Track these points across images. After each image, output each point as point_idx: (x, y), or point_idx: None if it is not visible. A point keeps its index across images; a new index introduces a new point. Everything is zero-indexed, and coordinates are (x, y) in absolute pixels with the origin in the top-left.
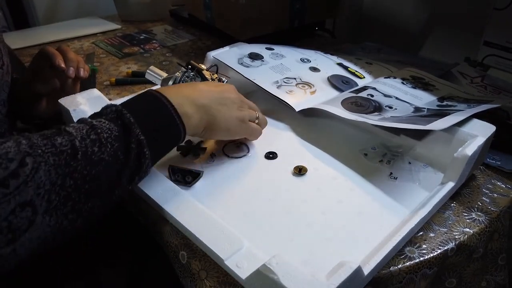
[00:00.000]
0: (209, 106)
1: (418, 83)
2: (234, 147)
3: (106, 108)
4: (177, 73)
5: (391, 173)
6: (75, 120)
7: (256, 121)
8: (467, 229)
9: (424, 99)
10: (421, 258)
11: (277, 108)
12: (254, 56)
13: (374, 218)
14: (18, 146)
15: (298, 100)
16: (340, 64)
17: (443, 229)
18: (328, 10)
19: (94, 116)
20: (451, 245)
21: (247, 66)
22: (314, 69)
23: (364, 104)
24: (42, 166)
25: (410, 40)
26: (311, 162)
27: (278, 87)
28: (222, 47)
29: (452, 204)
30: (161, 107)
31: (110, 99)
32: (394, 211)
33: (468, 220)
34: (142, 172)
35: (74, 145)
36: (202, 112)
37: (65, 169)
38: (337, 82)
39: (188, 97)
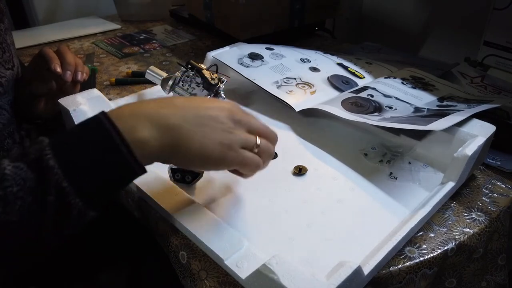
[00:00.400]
0: (179, 126)
1: (418, 83)
2: None
3: (36, 144)
4: (177, 73)
5: (391, 173)
6: (75, 120)
7: (256, 149)
8: (467, 229)
9: (424, 99)
10: (421, 258)
11: (277, 108)
12: (254, 56)
13: (374, 218)
14: None
15: (298, 100)
16: (340, 64)
17: (443, 229)
18: (328, 10)
19: (21, 155)
20: (451, 245)
21: (247, 66)
22: (314, 69)
23: (364, 104)
24: None
25: (410, 40)
26: (311, 162)
27: (278, 87)
28: (222, 47)
29: (452, 204)
30: (102, 137)
31: (110, 99)
32: (394, 211)
33: (468, 220)
34: (72, 224)
35: None
36: (166, 135)
37: None
38: (337, 82)
39: (149, 116)
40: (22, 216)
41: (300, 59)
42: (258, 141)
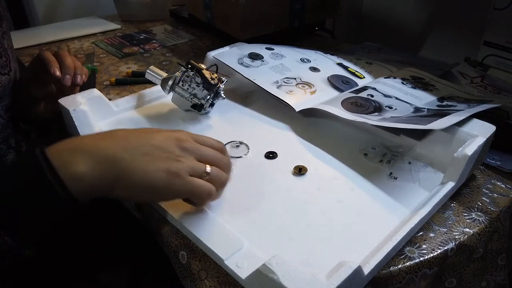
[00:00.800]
0: (120, 157)
1: (418, 83)
2: (234, 147)
3: None
4: (177, 73)
5: (391, 173)
6: (75, 120)
7: (206, 176)
8: (467, 229)
9: (424, 99)
10: (421, 258)
11: (277, 108)
12: (254, 56)
13: (374, 218)
14: None
15: (298, 100)
16: (340, 64)
17: (443, 229)
18: (328, 10)
19: None
20: (451, 245)
21: (247, 66)
22: (314, 69)
23: (364, 104)
24: None
25: (410, 40)
26: (311, 162)
27: (278, 87)
28: (222, 47)
29: (452, 204)
30: (34, 173)
31: (110, 99)
32: (394, 211)
33: (468, 220)
34: (6, 263)
35: None
36: (106, 167)
37: None
38: (337, 82)
39: (87, 150)
40: None
41: (300, 59)
42: (208, 169)
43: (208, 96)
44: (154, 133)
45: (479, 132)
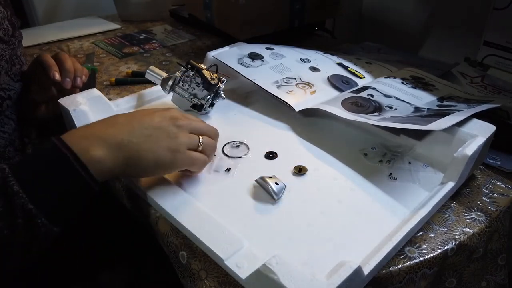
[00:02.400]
0: (127, 141)
1: (418, 83)
2: (234, 147)
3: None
4: (177, 73)
5: (390, 173)
6: (75, 120)
7: (200, 147)
8: (467, 229)
9: (424, 99)
10: (421, 258)
11: (277, 108)
12: (254, 56)
13: (374, 218)
14: None
15: (298, 100)
16: (340, 64)
17: (443, 229)
18: (328, 10)
19: None
20: (451, 245)
21: (247, 66)
22: (314, 69)
23: (364, 104)
24: None
25: (410, 40)
26: (311, 162)
27: (278, 87)
28: (222, 47)
29: (452, 204)
30: (58, 159)
31: (110, 99)
32: (394, 211)
33: (468, 220)
34: (40, 242)
35: None
36: (117, 151)
37: None
38: (337, 82)
39: (99, 137)
40: None
41: (300, 59)
42: (201, 140)
43: (208, 96)
44: (151, 115)
45: (479, 132)
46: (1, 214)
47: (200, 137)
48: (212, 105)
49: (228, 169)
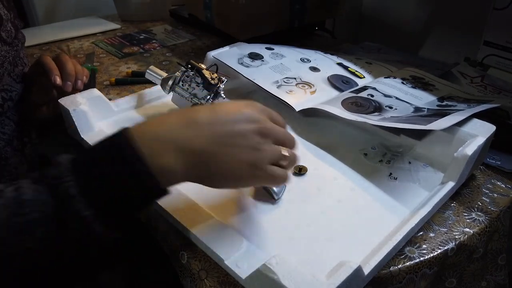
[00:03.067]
0: (205, 151)
1: (418, 83)
2: None
3: (55, 165)
4: (177, 72)
5: (391, 173)
6: (75, 120)
7: (283, 162)
8: (467, 229)
9: (424, 99)
10: (421, 258)
11: (277, 108)
12: (254, 56)
13: (374, 218)
14: None
15: (298, 100)
16: (340, 64)
17: (443, 229)
18: (328, 10)
19: (38, 179)
20: (451, 245)
21: (247, 66)
22: (314, 69)
23: (364, 104)
24: None
25: (410, 40)
26: (311, 162)
27: (278, 87)
28: (222, 47)
29: (452, 204)
30: (124, 161)
31: (110, 99)
32: (394, 211)
33: (468, 220)
34: (94, 249)
35: None
36: (192, 160)
37: None
38: (337, 82)
39: (173, 141)
40: (42, 244)
41: (300, 59)
42: (285, 153)
43: (208, 96)
44: (236, 114)
45: (479, 132)
46: (53, 216)
47: (283, 150)
48: None
49: None
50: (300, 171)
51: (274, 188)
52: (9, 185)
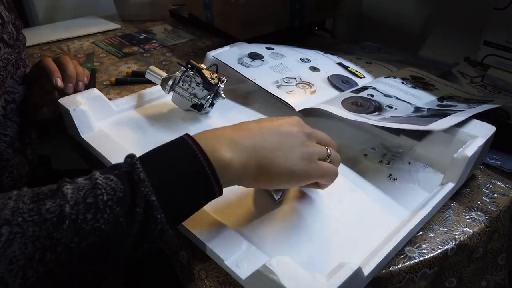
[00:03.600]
0: (260, 146)
1: (418, 83)
2: None
3: (127, 158)
4: (177, 72)
5: (390, 174)
6: (75, 120)
7: (328, 159)
8: (467, 229)
9: (424, 99)
10: (421, 258)
11: (277, 108)
12: (254, 56)
13: (374, 218)
14: (1, 211)
15: (298, 100)
16: (340, 64)
17: (443, 229)
18: (328, 10)
19: (111, 168)
20: (451, 245)
21: (247, 66)
22: (314, 69)
23: (364, 104)
24: (17, 239)
25: (410, 40)
26: None
27: (278, 87)
28: (222, 47)
29: (452, 204)
30: (187, 154)
31: (110, 99)
32: (394, 211)
33: (468, 220)
34: (153, 239)
35: (63, 211)
36: (248, 156)
37: (46, 241)
38: (337, 82)
39: (229, 138)
40: (110, 225)
41: (300, 59)
42: (329, 151)
43: (208, 96)
44: (279, 121)
45: (479, 133)
46: (122, 200)
47: (328, 148)
48: (212, 105)
49: None
50: None
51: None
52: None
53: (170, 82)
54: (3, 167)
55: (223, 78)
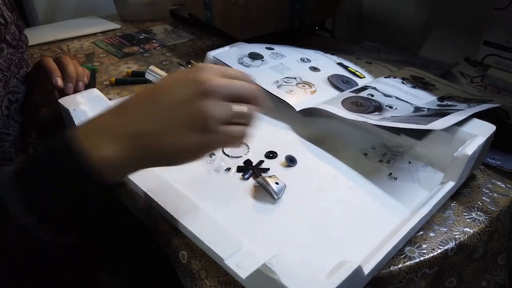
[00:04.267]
0: (142, 131)
1: (418, 82)
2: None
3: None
4: None
5: (390, 173)
6: (75, 120)
7: (236, 118)
8: (467, 229)
9: (424, 98)
10: (421, 258)
11: (277, 108)
12: (254, 56)
13: (374, 217)
14: None
15: (298, 100)
16: (340, 64)
17: (443, 229)
18: (328, 10)
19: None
20: (451, 244)
21: (247, 66)
22: (314, 69)
23: (364, 104)
24: None
25: (410, 40)
26: (312, 162)
27: (278, 87)
28: (222, 47)
29: (452, 204)
30: (66, 160)
31: (110, 99)
32: (394, 210)
33: (468, 220)
34: (49, 256)
35: None
36: (131, 144)
37: None
38: (337, 82)
39: (112, 129)
40: None
41: (300, 59)
42: (236, 108)
43: None
44: (170, 87)
45: (479, 132)
46: None
47: (234, 106)
48: None
49: (228, 169)
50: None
51: (274, 188)
52: None
53: None
54: (6, 166)
55: None
